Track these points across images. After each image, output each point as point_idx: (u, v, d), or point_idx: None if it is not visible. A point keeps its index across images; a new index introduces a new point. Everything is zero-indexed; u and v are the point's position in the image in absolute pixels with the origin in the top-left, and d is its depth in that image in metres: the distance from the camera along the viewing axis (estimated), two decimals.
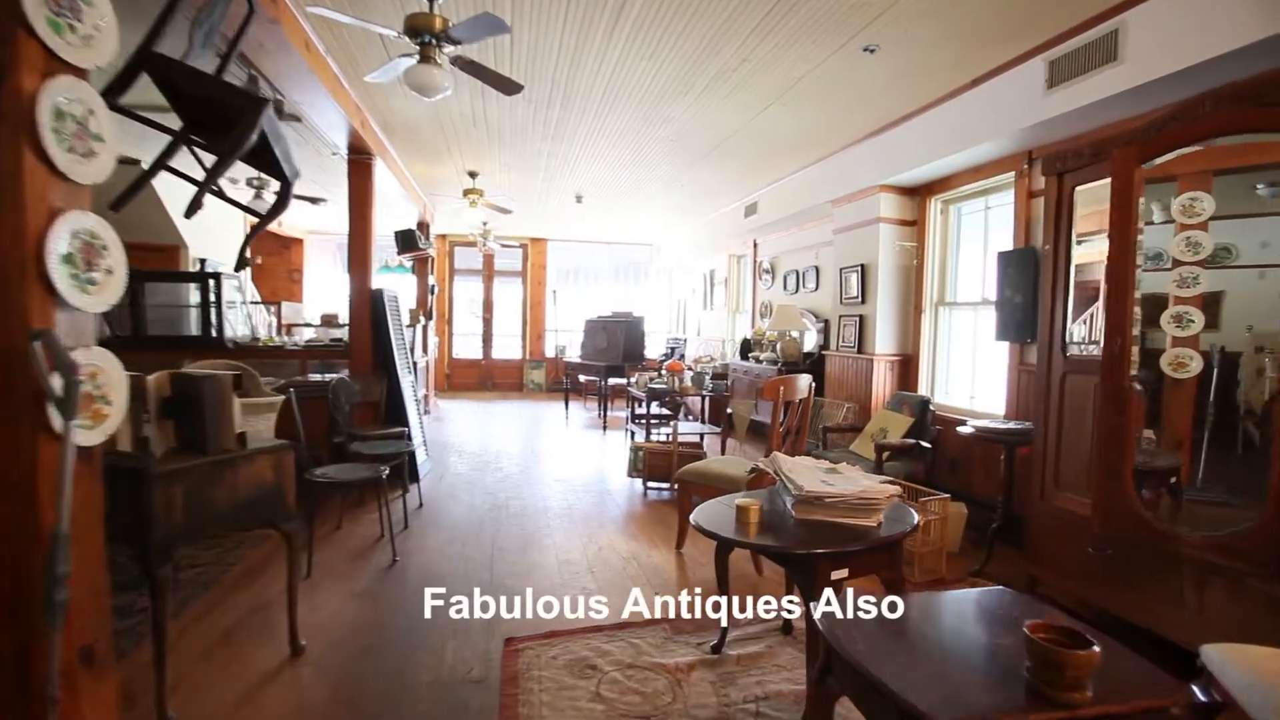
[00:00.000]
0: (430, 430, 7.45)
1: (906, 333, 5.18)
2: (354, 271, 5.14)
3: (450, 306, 11.62)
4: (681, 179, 6.82)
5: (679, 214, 8.94)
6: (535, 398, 10.95)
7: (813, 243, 6.91)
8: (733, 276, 9.30)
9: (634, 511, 4.63)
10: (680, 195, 7.63)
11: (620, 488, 5.26)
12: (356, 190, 5.13)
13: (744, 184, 7.04)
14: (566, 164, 6.29)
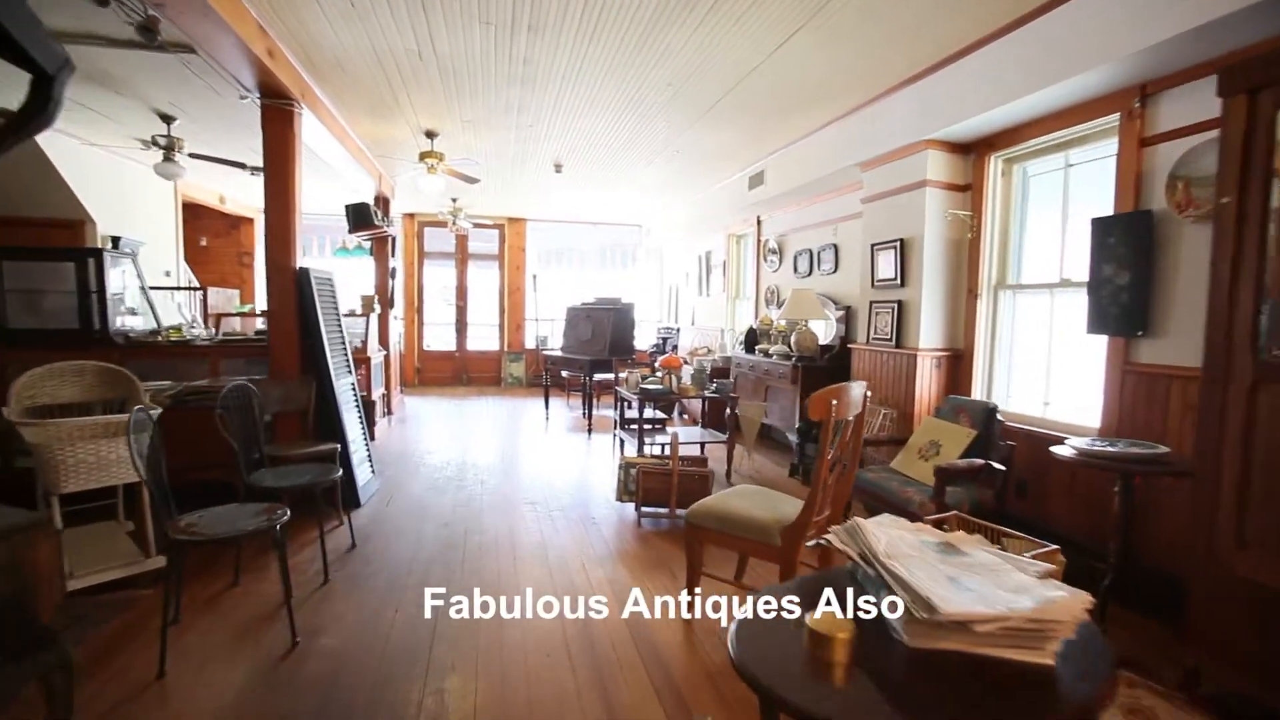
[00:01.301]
0: (389, 436, 6.44)
1: (957, 323, 4.25)
2: (272, 247, 4.11)
3: (420, 293, 10.55)
4: (678, 143, 5.82)
5: (672, 189, 7.94)
6: (514, 394, 9.95)
7: (829, 217, 5.95)
8: (732, 259, 8.34)
9: (625, 549, 3.68)
10: (675, 165, 6.63)
11: (608, 514, 4.31)
12: (274, 144, 4.09)
13: (749, 150, 6.05)
14: (541, 121, 5.27)
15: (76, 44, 3.80)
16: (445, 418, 7.76)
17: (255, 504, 2.80)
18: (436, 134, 5.56)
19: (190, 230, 9.46)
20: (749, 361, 6.20)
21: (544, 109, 4.96)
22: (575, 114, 5.08)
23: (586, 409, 7.01)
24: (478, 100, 4.75)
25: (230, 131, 5.49)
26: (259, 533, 2.49)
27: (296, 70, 4.06)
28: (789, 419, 5.45)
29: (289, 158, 4.10)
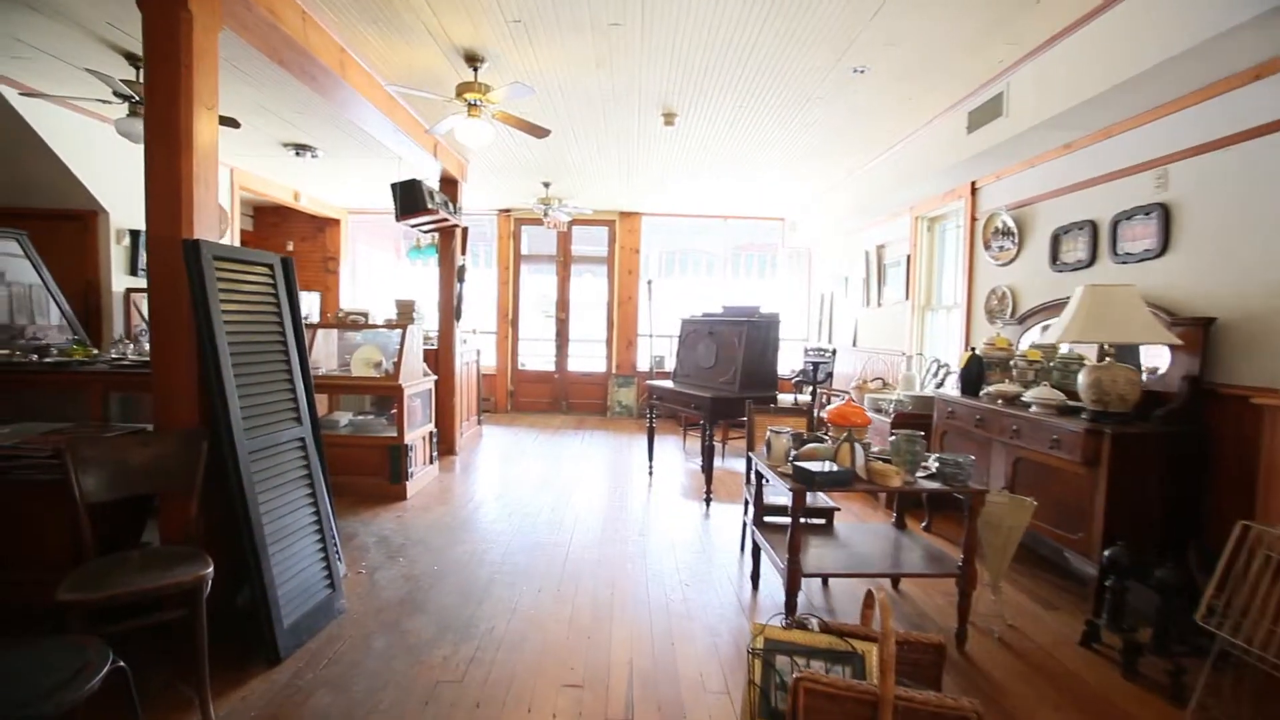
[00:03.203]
0: (431, 494, 4.66)
1: None
2: (152, 207, 2.39)
3: (515, 303, 8.98)
4: (861, 48, 3.50)
5: (832, 155, 5.57)
6: (621, 426, 7.98)
7: (1151, 155, 3.30)
8: (922, 251, 5.76)
9: None
10: (843, 107, 4.30)
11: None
12: (153, 36, 2.38)
13: (982, 55, 3.58)
14: (632, 17, 3.23)
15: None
16: (523, 462, 5.92)
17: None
18: (480, 58, 3.71)
19: (277, 234, 8.62)
20: (971, 409, 3.67)
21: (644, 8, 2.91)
22: (688, 7, 2.98)
23: (707, 464, 4.82)
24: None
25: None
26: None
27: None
28: (1075, 526, 2.89)
29: (178, 49, 2.37)
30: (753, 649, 1.96)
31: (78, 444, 2.13)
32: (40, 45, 3.75)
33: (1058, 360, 3.37)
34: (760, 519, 3.23)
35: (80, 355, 3.05)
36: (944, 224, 5.64)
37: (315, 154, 5.88)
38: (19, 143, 4.60)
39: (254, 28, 2.96)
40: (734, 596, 3.15)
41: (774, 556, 2.80)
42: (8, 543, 2.33)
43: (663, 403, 5.35)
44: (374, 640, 2.63)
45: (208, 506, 2.39)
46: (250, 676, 2.34)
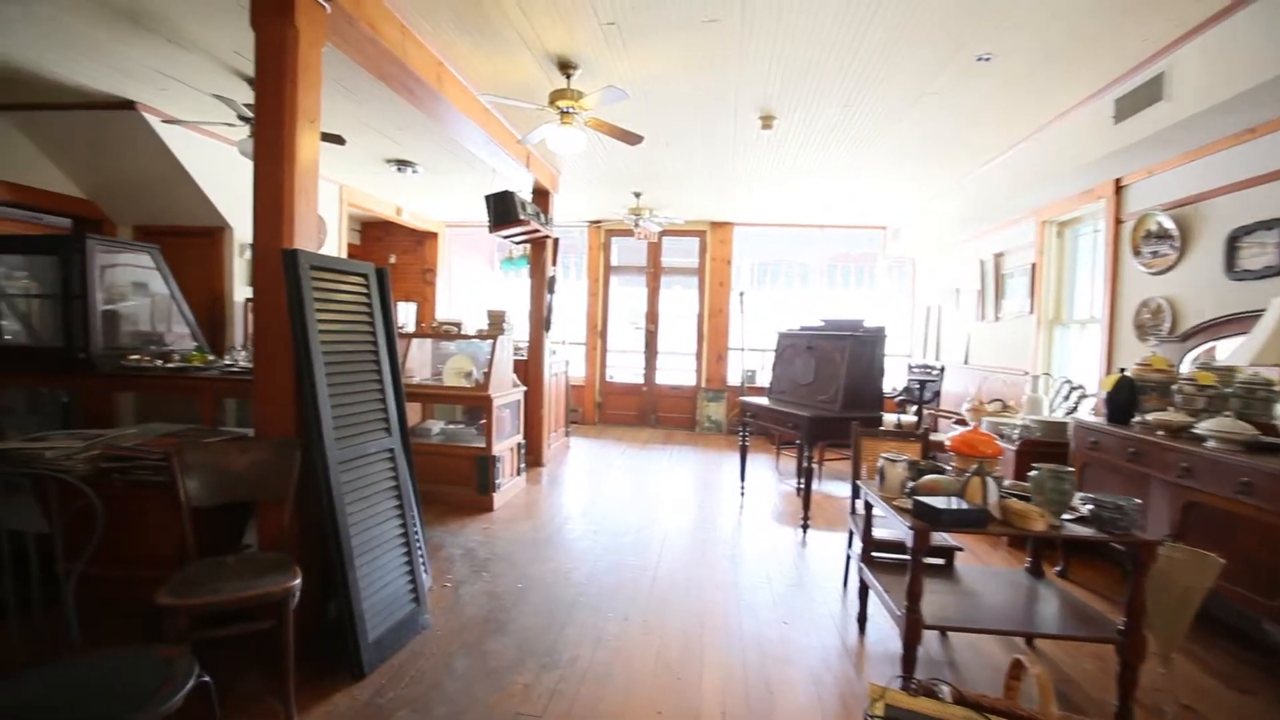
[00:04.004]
0: (519, 505, 4.62)
1: None
2: (260, 216, 2.45)
3: (605, 314, 8.96)
4: (984, 38, 3.14)
5: (941, 158, 5.11)
6: (710, 442, 7.73)
7: None
8: (1050, 258, 5.16)
9: None
10: (959, 104, 3.90)
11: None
12: (265, 49, 2.45)
13: (1136, 34, 3.11)
14: (732, 13, 3.05)
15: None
16: (609, 477, 5.81)
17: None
18: (573, 65, 3.65)
19: (380, 247, 9.07)
20: (1121, 440, 3.16)
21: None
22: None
23: (804, 486, 4.49)
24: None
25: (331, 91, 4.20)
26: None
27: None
28: (1273, 589, 2.37)
29: (284, 65, 2.42)
30: (871, 716, 1.68)
31: (183, 449, 2.18)
32: (178, 75, 4.05)
33: (1238, 385, 2.82)
34: (868, 555, 2.90)
35: (197, 361, 3.21)
36: (1077, 229, 5.03)
37: (415, 169, 6.09)
38: (161, 166, 5.03)
39: (355, 43, 3.02)
40: (838, 639, 2.84)
41: (886, 600, 2.48)
42: (126, 541, 2.43)
43: (756, 420, 5.06)
44: (455, 661, 2.54)
45: (301, 515, 2.39)
46: (334, 691, 2.31)
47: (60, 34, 3.56)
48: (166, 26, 3.41)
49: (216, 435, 2.74)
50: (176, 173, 5.07)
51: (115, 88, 4.37)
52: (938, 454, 4.22)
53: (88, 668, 1.52)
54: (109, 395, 3.09)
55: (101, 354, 3.05)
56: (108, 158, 5.06)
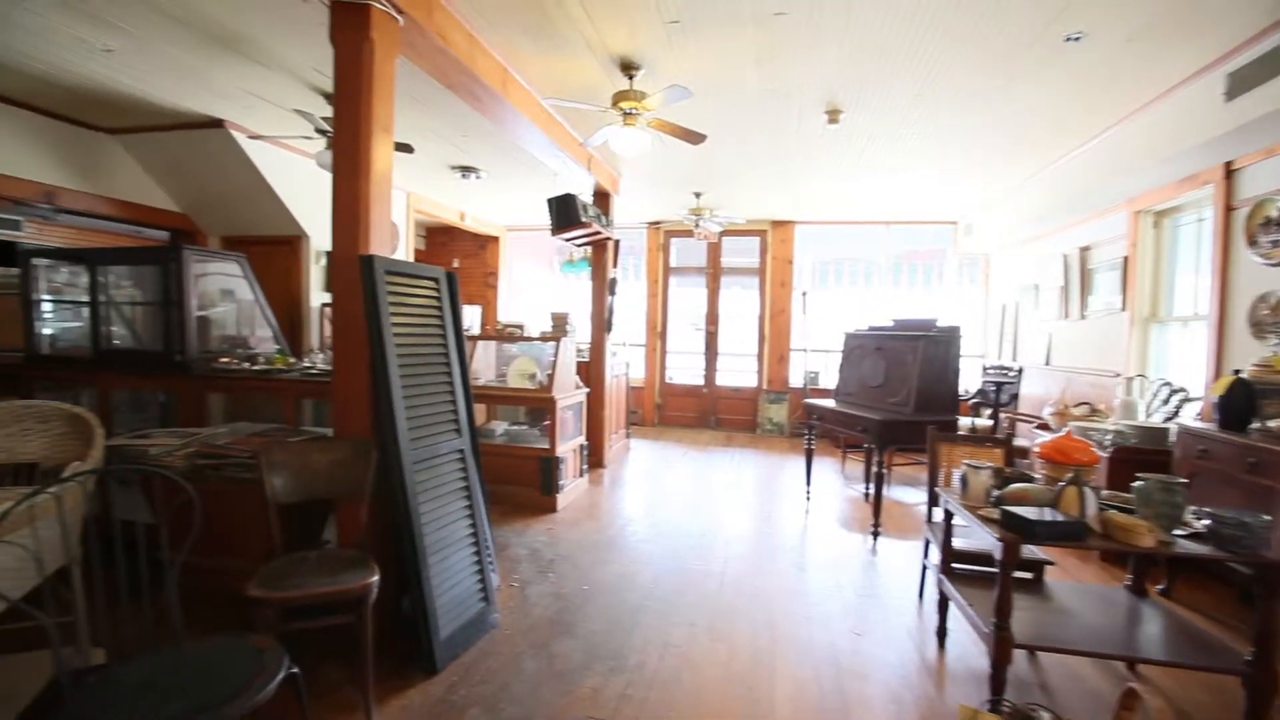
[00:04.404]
0: (581, 506, 4.65)
1: None
2: (338, 224, 2.53)
3: (664, 315, 8.93)
4: (1076, 9, 2.93)
5: (1022, 144, 4.82)
6: (771, 445, 7.58)
7: None
8: (1143, 250, 4.79)
9: None
10: (1057, 76, 3.66)
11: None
12: (344, 61, 2.53)
13: (1240, 2, 2.83)
14: (810, 9, 2.96)
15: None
16: (671, 479, 5.77)
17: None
18: (636, 65, 3.63)
19: (445, 252, 9.34)
20: (1237, 449, 2.88)
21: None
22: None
23: (874, 492, 4.32)
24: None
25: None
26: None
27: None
28: None
29: (361, 77, 2.50)
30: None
31: (269, 448, 2.27)
32: (262, 93, 4.27)
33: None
34: (948, 566, 2.75)
35: (280, 364, 3.37)
36: (1177, 218, 4.65)
37: (479, 175, 6.23)
38: (246, 179, 5.32)
39: (426, 53, 3.09)
40: (916, 654, 2.70)
41: (970, 615, 2.34)
42: (216, 534, 2.56)
43: (822, 423, 4.92)
44: (524, 661, 2.56)
45: (376, 513, 2.46)
46: (409, 685, 2.36)
47: (163, 62, 3.81)
48: (254, 48, 3.60)
49: (298, 435, 2.86)
50: (259, 185, 5.35)
51: (206, 108, 4.65)
52: (1018, 461, 3.99)
53: (191, 654, 1.60)
54: (202, 395, 3.28)
55: (195, 357, 3.24)
56: (200, 173, 5.40)
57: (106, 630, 2.18)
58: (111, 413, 3.43)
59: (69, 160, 5.02)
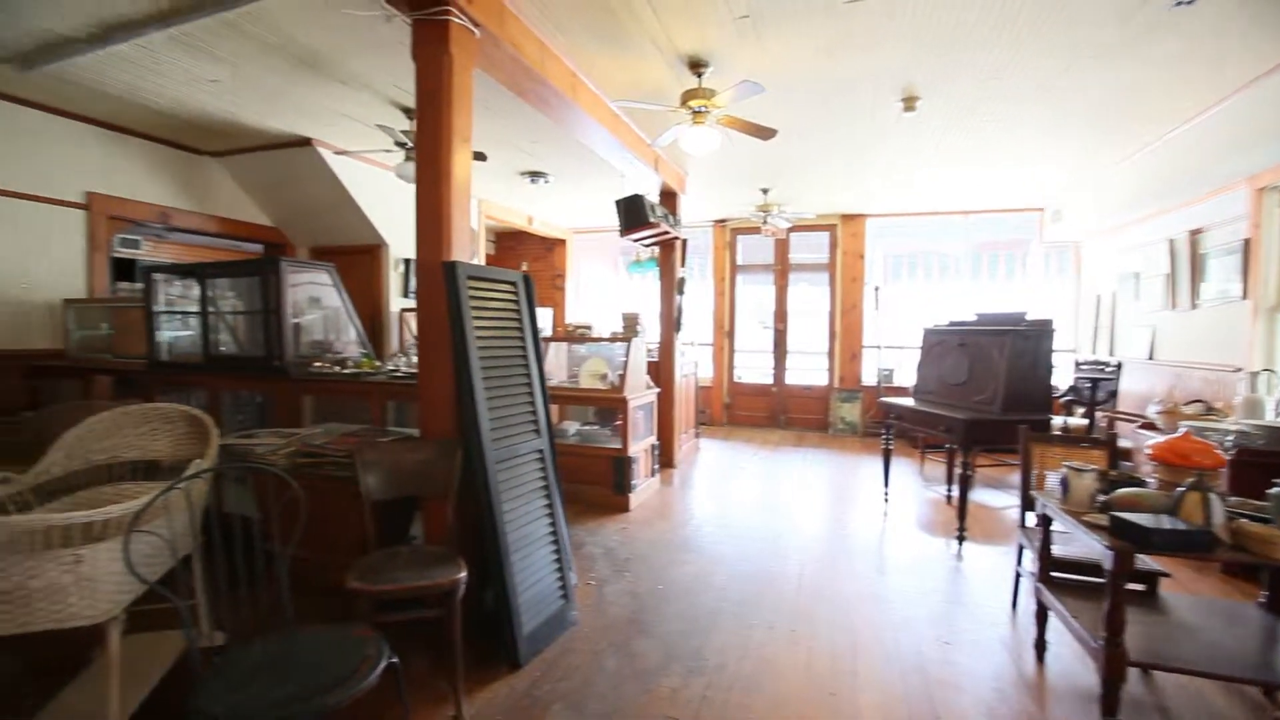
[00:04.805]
0: (654, 506, 4.66)
1: None
2: (422, 231, 2.64)
3: (731, 314, 8.84)
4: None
5: (1120, 122, 4.47)
6: (843, 445, 7.37)
7: None
8: (1269, 229, 4.36)
9: None
10: (1162, 45, 3.38)
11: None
12: (424, 74, 2.64)
13: None
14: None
15: (235, 6, 2.97)
16: (742, 479, 5.71)
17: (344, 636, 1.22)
18: (704, 63, 3.61)
19: (514, 256, 9.57)
20: None
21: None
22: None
23: (957, 492, 4.13)
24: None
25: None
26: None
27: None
28: None
29: (441, 90, 2.59)
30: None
31: (363, 448, 2.39)
32: (346, 111, 4.51)
33: None
34: (1046, 574, 2.59)
35: (367, 367, 3.54)
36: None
37: (547, 179, 6.35)
38: (331, 193, 5.63)
39: (500, 63, 3.18)
40: (1011, 666, 2.56)
41: (1074, 627, 2.19)
42: (314, 528, 2.72)
43: (900, 422, 4.74)
44: (604, 659, 2.58)
45: (460, 511, 2.55)
46: (494, 679, 2.43)
47: (258, 88, 4.09)
48: (339, 69, 3.81)
49: (386, 435, 2.99)
50: (343, 197, 5.65)
51: (295, 127, 4.95)
52: (1122, 464, 3.72)
53: (301, 640, 1.70)
54: (297, 397, 3.49)
55: (292, 361, 3.45)
56: (290, 189, 5.76)
57: (224, 614, 2.36)
58: (218, 414, 3.70)
59: (179, 183, 5.46)
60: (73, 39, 3.43)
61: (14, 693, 2.17)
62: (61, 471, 2.26)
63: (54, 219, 4.63)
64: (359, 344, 4.22)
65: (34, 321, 4.53)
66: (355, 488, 2.44)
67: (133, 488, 2.46)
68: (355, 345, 4.24)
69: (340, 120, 4.74)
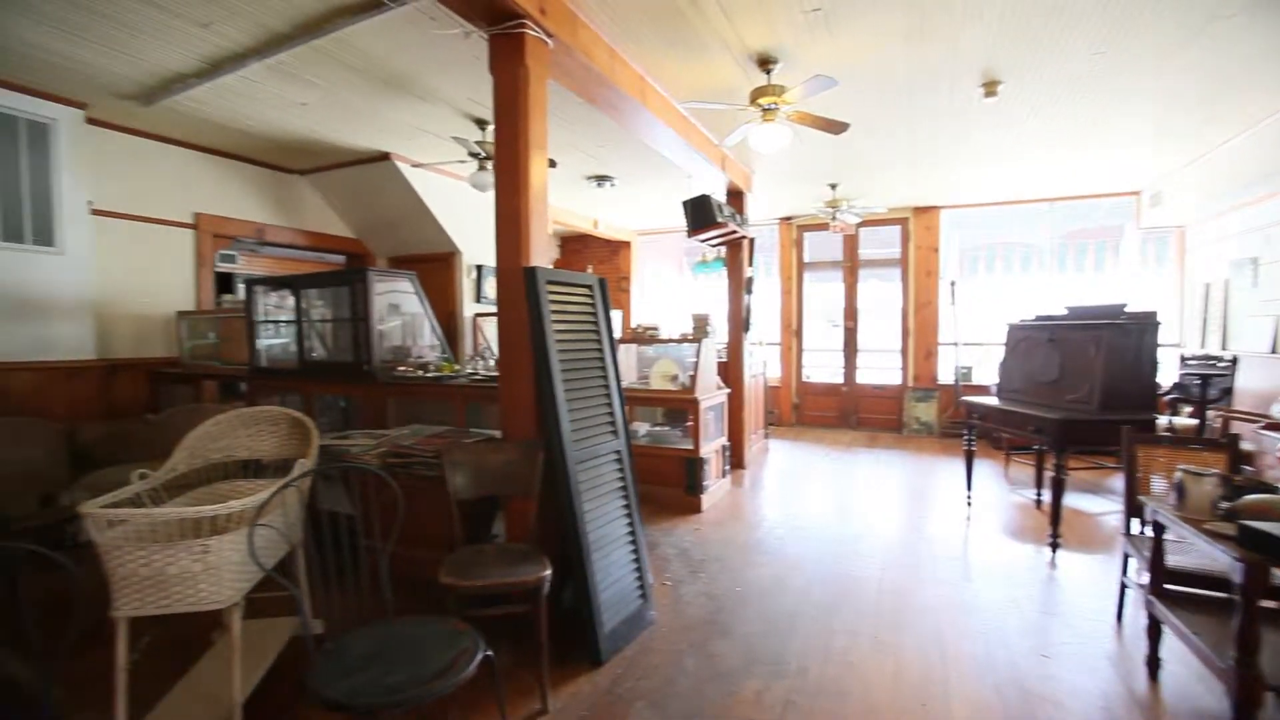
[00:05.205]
0: (725, 507, 4.64)
1: None
2: (501, 237, 2.73)
3: (799, 313, 8.68)
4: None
5: (1236, 92, 4.11)
6: (919, 446, 7.11)
7: None
8: None
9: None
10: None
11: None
12: (501, 87, 2.72)
13: None
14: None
15: (325, 33, 3.16)
16: (814, 480, 5.59)
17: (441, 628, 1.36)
18: (774, 60, 3.56)
19: (579, 259, 9.72)
20: None
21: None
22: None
23: (1048, 496, 3.90)
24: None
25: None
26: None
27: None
28: None
29: (518, 109, 2.67)
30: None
31: (450, 448, 2.49)
32: (422, 125, 4.71)
33: None
34: (1159, 587, 2.41)
35: (447, 371, 3.68)
36: None
37: (613, 183, 6.42)
38: (409, 204, 5.89)
39: (572, 71, 3.24)
40: (1121, 685, 2.40)
41: (1196, 645, 2.03)
42: (406, 526, 2.85)
43: (984, 422, 4.53)
44: (684, 659, 2.59)
45: (541, 510, 2.61)
46: (577, 675, 2.47)
47: (343, 108, 4.33)
48: (418, 86, 3.98)
49: (468, 437, 3.11)
50: (419, 208, 5.90)
51: (375, 143, 5.21)
52: (1243, 467, 3.44)
53: (401, 631, 1.79)
54: (383, 400, 3.67)
55: (379, 365, 3.63)
56: (370, 201, 6.06)
57: (322, 605, 2.50)
58: (311, 416, 3.94)
59: (272, 200, 5.85)
60: (186, 74, 3.74)
61: (153, 666, 2.37)
62: (185, 469, 2.46)
63: (169, 239, 5.05)
64: (440, 349, 4.39)
65: (153, 332, 4.95)
66: (442, 487, 2.55)
67: (244, 484, 2.65)
68: (430, 349, 4.41)
69: (417, 134, 4.95)
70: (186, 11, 3.07)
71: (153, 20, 3.15)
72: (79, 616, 1.35)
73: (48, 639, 1.40)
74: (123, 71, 3.74)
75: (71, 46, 3.42)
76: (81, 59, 3.57)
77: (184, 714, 2.05)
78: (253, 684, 2.15)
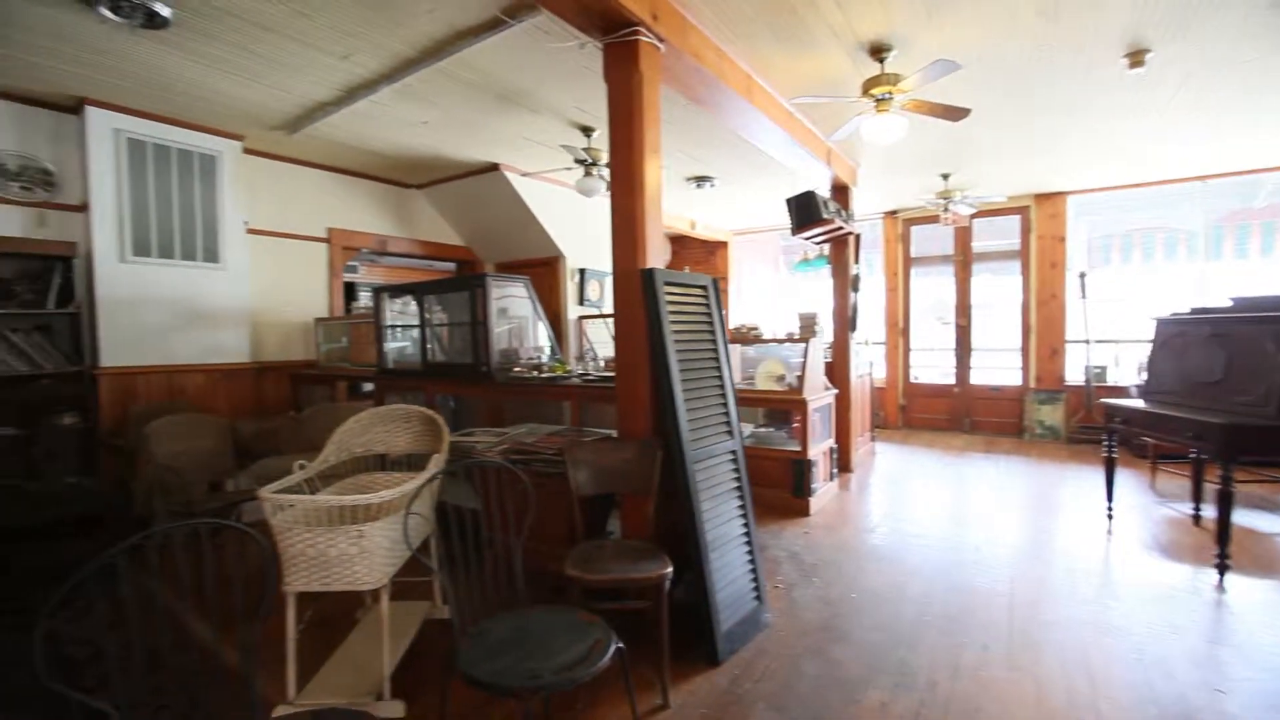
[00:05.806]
0: (834, 511, 4.51)
1: None
2: (617, 239, 2.79)
3: (906, 310, 8.28)
4: None
5: None
6: (1043, 452, 6.58)
7: None
8: None
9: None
10: None
11: None
12: (615, 93, 2.78)
13: None
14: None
15: (448, 54, 3.36)
16: (927, 486, 5.32)
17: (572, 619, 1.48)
18: (887, 47, 3.42)
19: (677, 261, 9.76)
20: None
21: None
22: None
23: (1212, 511, 3.48)
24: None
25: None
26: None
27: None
28: None
29: (632, 115, 2.72)
30: None
31: (573, 447, 2.58)
32: (531, 136, 4.90)
33: None
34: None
35: (560, 371, 3.81)
36: None
37: (712, 183, 6.40)
38: (516, 212, 6.15)
39: (681, 74, 3.26)
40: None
41: None
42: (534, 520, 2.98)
43: (1127, 427, 4.12)
44: (803, 663, 2.54)
45: (657, 508, 2.65)
46: (693, 673, 2.48)
47: (459, 124, 4.59)
48: (529, 99, 4.15)
49: (584, 435, 3.20)
50: (526, 215, 6.14)
51: (485, 155, 5.47)
52: None
53: (534, 619, 1.88)
54: (500, 400, 3.84)
55: (496, 367, 3.81)
56: (480, 211, 6.38)
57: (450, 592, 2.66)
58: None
59: (392, 213, 6.29)
60: (326, 103, 4.10)
61: (306, 640, 2.62)
62: (335, 461, 2.69)
63: (307, 252, 5.57)
64: (551, 351, 4.54)
65: (294, 337, 5.47)
66: (561, 483, 2.64)
67: (381, 476, 2.87)
68: (538, 351, 4.57)
69: (524, 144, 5.16)
70: (329, 46, 3.37)
71: (300, 56, 3.48)
72: (272, 585, 1.51)
73: (235, 607, 1.58)
74: (274, 105, 4.16)
75: (234, 85, 3.85)
76: (242, 96, 4.01)
77: (341, 681, 2.24)
78: (397, 659, 2.33)
